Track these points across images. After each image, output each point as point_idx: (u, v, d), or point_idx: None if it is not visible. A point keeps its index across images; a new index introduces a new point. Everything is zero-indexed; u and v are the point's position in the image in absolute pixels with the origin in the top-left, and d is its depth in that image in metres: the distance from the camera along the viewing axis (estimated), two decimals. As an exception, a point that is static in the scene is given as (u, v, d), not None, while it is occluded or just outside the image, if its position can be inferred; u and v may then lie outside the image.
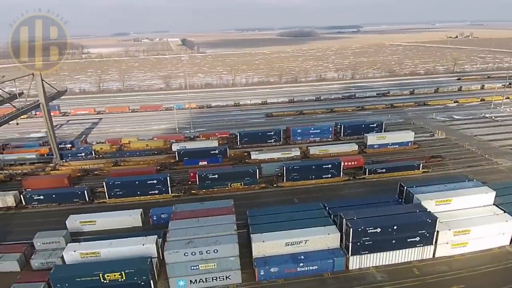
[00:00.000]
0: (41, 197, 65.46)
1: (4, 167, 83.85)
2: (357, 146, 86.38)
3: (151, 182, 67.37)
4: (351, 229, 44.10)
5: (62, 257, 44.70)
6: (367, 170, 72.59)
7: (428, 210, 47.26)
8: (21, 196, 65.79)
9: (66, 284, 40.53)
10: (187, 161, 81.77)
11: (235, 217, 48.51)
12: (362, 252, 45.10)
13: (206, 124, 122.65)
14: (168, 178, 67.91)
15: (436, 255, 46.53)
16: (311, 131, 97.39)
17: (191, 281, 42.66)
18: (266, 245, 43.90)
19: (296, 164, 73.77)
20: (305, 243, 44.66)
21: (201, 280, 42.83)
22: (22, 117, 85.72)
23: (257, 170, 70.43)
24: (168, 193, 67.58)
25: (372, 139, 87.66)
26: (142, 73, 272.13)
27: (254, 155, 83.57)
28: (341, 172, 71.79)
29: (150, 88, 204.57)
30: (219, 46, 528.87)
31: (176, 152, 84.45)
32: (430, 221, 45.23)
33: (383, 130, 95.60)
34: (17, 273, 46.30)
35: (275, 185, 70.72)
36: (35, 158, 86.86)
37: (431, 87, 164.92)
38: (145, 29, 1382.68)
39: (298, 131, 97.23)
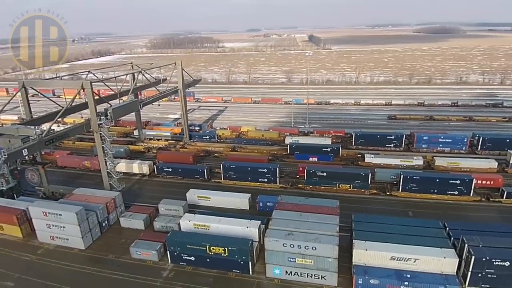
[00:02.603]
0: (170, 169, 75.43)
1: (144, 140, 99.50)
2: (496, 163, 72.94)
3: (262, 170, 70.35)
4: (473, 257, 37.95)
5: (179, 224, 50.78)
6: (505, 192, 60.74)
7: None
8: (155, 166, 77.00)
9: (178, 248, 45.98)
10: (298, 155, 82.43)
11: (339, 219, 46.83)
12: (482, 285, 38.56)
13: (322, 120, 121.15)
14: (277, 169, 69.83)
15: None
16: (440, 140, 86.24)
17: (286, 271, 43.16)
18: (368, 254, 41.11)
19: (416, 174, 66.60)
20: (414, 261, 40.11)
21: (296, 273, 42.93)
22: (163, 99, 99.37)
23: (370, 174, 66.23)
24: (276, 183, 69.53)
25: (518, 157, 72.68)
26: (267, 67, 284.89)
27: (369, 158, 78.80)
28: (471, 191, 61.83)
29: (272, 82, 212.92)
30: (346, 42, 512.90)
31: (289, 145, 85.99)
32: None
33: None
34: (142, 231, 54.60)
35: (388, 193, 65.45)
36: (169, 135, 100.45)
37: None
38: (275, 25, 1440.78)
39: (425, 138, 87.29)
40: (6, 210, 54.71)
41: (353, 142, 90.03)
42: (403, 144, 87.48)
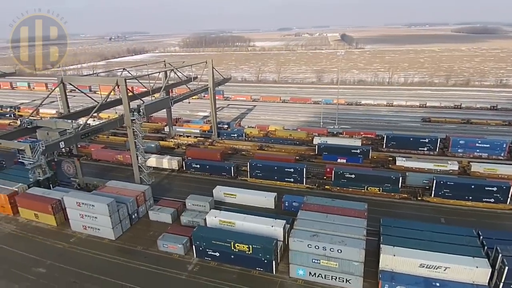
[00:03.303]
0: (198, 165, 76.71)
1: (174, 136, 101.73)
2: (539, 171, 68.44)
3: (288, 170, 69.95)
4: (506, 268, 35.97)
5: (205, 220, 51.53)
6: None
7: None
8: (183, 162, 78.56)
9: (204, 243, 46.67)
10: (326, 156, 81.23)
11: (366, 222, 45.76)
12: (515, 297, 36.13)
13: (352, 121, 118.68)
14: (304, 169, 69.18)
15: None
16: (477, 145, 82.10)
17: (310, 272, 42.69)
18: (396, 259, 39.82)
19: (451, 179, 63.73)
20: (445, 270, 38.44)
21: (320, 275, 42.36)
22: (193, 97, 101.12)
23: (401, 178, 64.18)
24: (303, 183, 68.91)
25: None
26: (297, 67, 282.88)
27: (400, 162, 76.35)
28: (508, 199, 58.44)
29: (302, 81, 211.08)
30: (380, 41, 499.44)
31: (317, 146, 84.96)
32: None
33: None
34: (169, 224, 55.94)
35: (419, 198, 63.12)
36: (199, 132, 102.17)
37: None
38: (307, 24, 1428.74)
39: (461, 142, 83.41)
40: (42, 199, 57.79)
41: (384, 145, 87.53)
42: (437, 148, 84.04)
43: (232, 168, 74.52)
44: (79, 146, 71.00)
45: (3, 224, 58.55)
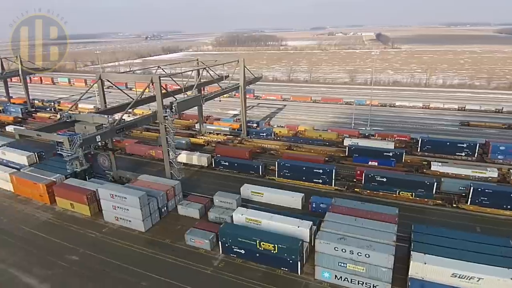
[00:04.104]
0: (226, 163, 77.42)
1: (204, 133, 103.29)
2: None
3: (317, 170, 68.99)
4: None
5: (231, 217, 51.95)
6: None
7: None
8: (212, 159, 79.59)
9: (230, 240, 47.06)
10: (357, 158, 79.41)
11: (396, 228, 44.30)
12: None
13: (385, 123, 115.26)
14: (334, 170, 67.97)
15: None
16: (520, 151, 77.40)
17: (336, 276, 41.93)
18: (427, 268, 38.21)
19: (489, 186, 60.30)
20: (478, 281, 36.43)
21: (346, 279, 41.51)
22: (224, 95, 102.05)
23: (435, 183, 61.51)
24: (331, 185, 67.75)
25: None
26: (329, 66, 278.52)
27: (436, 166, 73.23)
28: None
29: (334, 81, 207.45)
30: (417, 41, 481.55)
31: (347, 147, 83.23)
32: None
33: None
34: (197, 219, 56.95)
35: (454, 205, 60.26)
36: (228, 130, 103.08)
37: None
38: (341, 23, 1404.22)
39: (501, 148, 78.71)
40: (78, 190, 60.62)
41: (419, 148, 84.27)
42: (476, 153, 79.82)
43: (260, 167, 74.61)
44: (114, 140, 73.58)
45: (41, 212, 62.02)
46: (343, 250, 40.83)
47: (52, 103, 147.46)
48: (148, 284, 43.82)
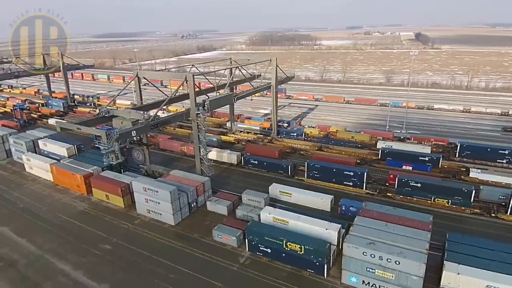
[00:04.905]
0: (256, 162, 77.69)
1: (235, 132, 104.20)
2: None
3: (347, 173, 67.62)
4: None
5: (259, 215, 52.02)
6: None
7: None
8: (242, 157, 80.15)
9: (257, 238, 47.24)
10: (390, 161, 76.93)
11: (430, 235, 42.54)
12: None
13: (422, 126, 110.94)
14: (365, 173, 66.37)
15: None
16: None
17: (363, 281, 40.96)
18: (460, 278, 36.45)
19: (533, 197, 56.57)
20: (516, 295, 34.33)
21: (374, 285, 40.46)
22: (255, 94, 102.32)
23: (474, 191, 58.42)
24: (362, 188, 66.18)
25: None
26: (364, 66, 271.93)
27: (475, 173, 69.56)
28: None
29: (369, 82, 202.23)
30: (458, 42, 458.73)
31: (381, 150, 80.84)
32: None
33: None
34: (225, 216, 57.66)
35: (493, 214, 56.94)
36: (259, 129, 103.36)
37: None
38: (378, 22, 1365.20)
39: (549, 156, 73.60)
40: (113, 182, 63.28)
41: (457, 154, 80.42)
42: (520, 161, 75.08)
43: (289, 166, 74.23)
44: (148, 135, 76.04)
45: (78, 202, 65.26)
46: (372, 256, 39.78)
47: (92, 98, 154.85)
48: (176, 276, 44.95)
